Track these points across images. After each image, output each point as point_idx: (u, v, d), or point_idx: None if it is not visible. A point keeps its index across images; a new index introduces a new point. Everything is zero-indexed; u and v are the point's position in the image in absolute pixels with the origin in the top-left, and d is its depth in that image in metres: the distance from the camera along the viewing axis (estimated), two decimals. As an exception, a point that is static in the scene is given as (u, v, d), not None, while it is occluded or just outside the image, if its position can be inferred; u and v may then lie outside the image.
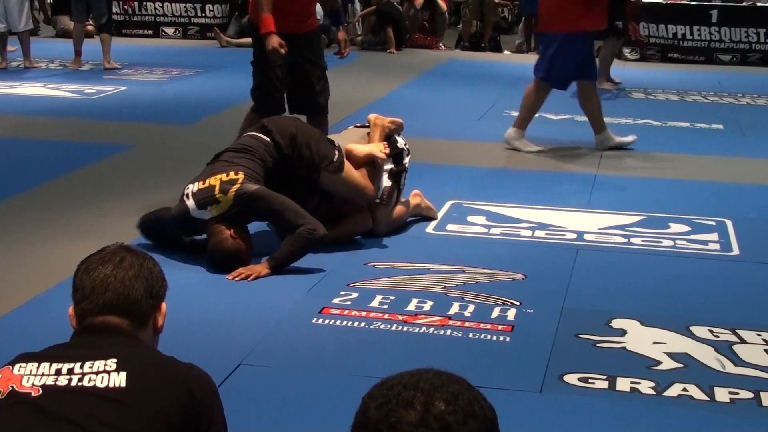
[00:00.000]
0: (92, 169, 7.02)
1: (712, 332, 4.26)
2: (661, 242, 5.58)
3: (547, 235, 5.69)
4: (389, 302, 4.51)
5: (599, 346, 4.12)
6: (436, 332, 4.21)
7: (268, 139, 5.25)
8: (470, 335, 4.18)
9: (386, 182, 5.53)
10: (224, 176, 4.99)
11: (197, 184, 5.04)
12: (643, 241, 5.60)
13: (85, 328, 2.26)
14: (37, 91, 10.24)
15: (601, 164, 7.49)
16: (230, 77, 11.39)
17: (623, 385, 3.75)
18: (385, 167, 5.54)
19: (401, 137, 5.73)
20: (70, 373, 2.12)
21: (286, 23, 6.02)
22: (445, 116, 9.37)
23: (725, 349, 4.10)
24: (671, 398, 3.66)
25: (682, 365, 3.94)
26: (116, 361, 2.14)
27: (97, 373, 2.12)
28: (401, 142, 5.69)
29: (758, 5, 14.93)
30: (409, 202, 5.77)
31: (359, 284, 4.74)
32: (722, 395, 3.69)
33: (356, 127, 5.89)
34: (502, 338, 4.17)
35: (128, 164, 7.23)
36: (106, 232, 5.40)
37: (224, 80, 11.18)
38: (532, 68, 8.04)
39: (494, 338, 4.17)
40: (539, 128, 8.90)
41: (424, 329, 4.23)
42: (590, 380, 3.78)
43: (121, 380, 2.10)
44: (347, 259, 5.14)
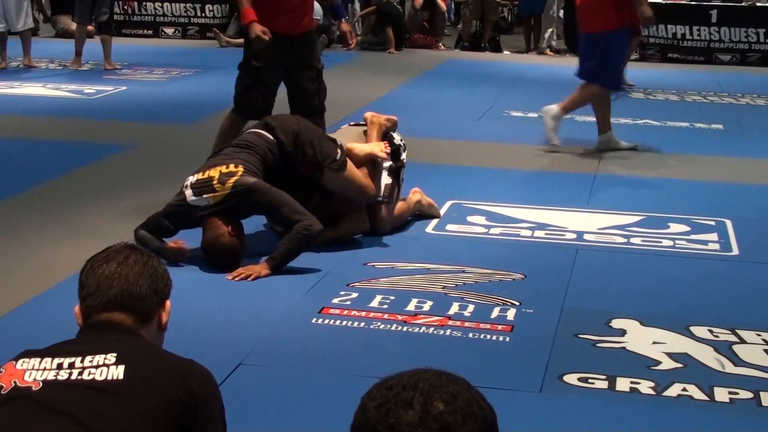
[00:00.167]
0: (92, 169, 7.02)
1: (711, 332, 4.26)
2: (660, 242, 5.58)
3: (546, 235, 5.69)
4: (389, 302, 4.51)
5: (599, 346, 4.12)
6: (435, 332, 4.21)
7: (271, 136, 5.26)
8: (470, 335, 4.18)
9: (386, 179, 5.55)
10: (224, 168, 5.02)
11: (197, 175, 5.08)
12: (642, 241, 5.60)
13: (90, 324, 2.29)
14: (37, 91, 10.23)
15: (601, 164, 7.49)
16: (230, 77, 11.25)
17: (623, 385, 3.75)
18: (384, 165, 5.56)
19: (397, 133, 5.76)
20: (71, 367, 2.15)
21: (279, 24, 5.99)
22: (445, 116, 9.36)
23: (725, 349, 4.10)
24: (671, 398, 3.66)
25: (681, 365, 3.93)
26: (116, 355, 2.16)
27: (96, 366, 2.14)
28: (397, 138, 5.73)
29: (758, 5, 14.92)
30: (410, 199, 5.78)
31: (359, 284, 4.74)
32: (722, 395, 3.69)
33: (351, 125, 5.89)
34: (501, 338, 4.17)
35: (128, 164, 7.23)
36: (105, 232, 5.40)
37: (224, 80, 11.10)
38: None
39: (494, 338, 4.17)
40: (539, 128, 8.90)
41: (423, 329, 4.23)
42: (590, 380, 3.78)
43: (119, 373, 2.13)
44: (347, 259, 5.14)
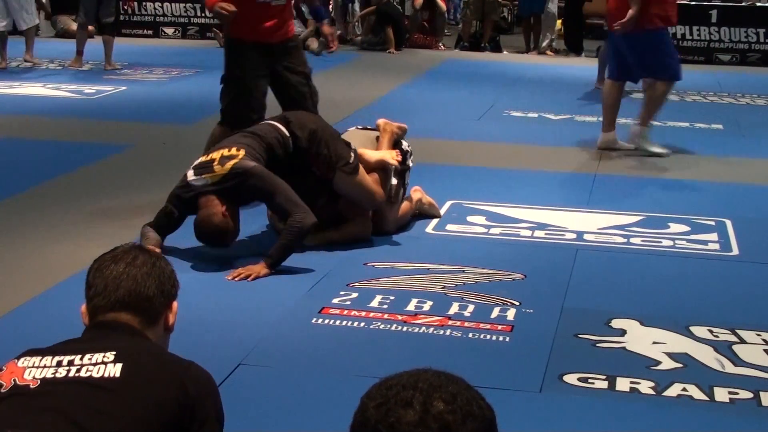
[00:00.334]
0: (92, 169, 7.02)
1: (711, 332, 4.26)
2: (660, 242, 5.58)
3: (546, 235, 5.69)
4: (389, 302, 4.51)
5: (599, 346, 4.12)
6: (435, 332, 4.21)
7: (286, 130, 5.28)
8: (470, 335, 4.18)
9: (392, 180, 5.57)
10: (225, 151, 5.08)
11: (201, 158, 5.17)
12: (642, 241, 5.60)
13: (96, 324, 2.29)
14: (37, 91, 10.23)
15: (600, 164, 7.49)
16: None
17: (623, 385, 3.75)
18: None
19: (404, 140, 5.84)
20: (69, 364, 2.15)
21: (258, 33, 5.97)
22: (445, 116, 9.36)
23: (725, 349, 4.10)
24: (671, 398, 3.66)
25: (681, 365, 3.94)
26: (115, 353, 2.16)
27: (94, 364, 2.14)
28: (405, 144, 5.81)
29: (758, 5, 14.93)
30: (411, 198, 5.80)
31: (359, 284, 4.74)
32: (722, 395, 3.69)
33: (359, 129, 5.90)
34: (501, 338, 4.17)
35: (128, 164, 7.23)
36: (106, 232, 5.41)
37: (224, 80, 11.16)
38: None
39: (494, 338, 4.17)
40: (539, 128, 8.92)
41: (423, 329, 4.23)
42: (590, 380, 3.78)
43: (116, 371, 2.13)
44: (347, 259, 5.14)
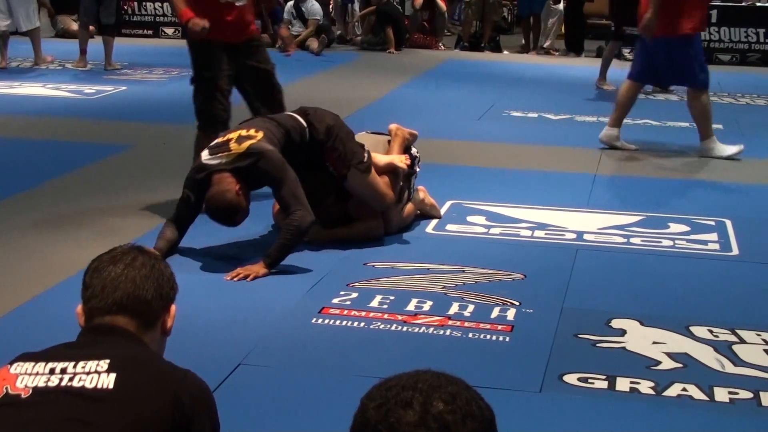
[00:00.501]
0: (92, 169, 7.02)
1: (711, 332, 4.26)
2: (660, 242, 5.59)
3: (546, 235, 5.69)
4: (389, 302, 4.51)
5: (599, 346, 4.12)
6: (435, 332, 4.21)
7: (303, 121, 5.30)
8: (470, 335, 4.18)
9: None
10: (244, 131, 5.09)
11: (217, 139, 5.15)
12: (642, 241, 5.60)
13: (92, 327, 2.23)
14: (37, 91, 10.23)
15: (600, 164, 7.49)
16: (230, 77, 11.37)
17: (623, 385, 3.75)
18: None
19: (413, 146, 5.90)
20: (62, 372, 2.08)
21: (224, 33, 5.91)
22: (445, 116, 9.36)
23: (725, 349, 4.10)
24: (671, 398, 3.66)
25: (681, 365, 3.94)
26: (109, 361, 2.09)
27: (87, 373, 2.07)
28: (414, 150, 5.86)
29: (758, 5, 14.92)
30: (415, 197, 5.81)
31: (359, 284, 4.74)
32: (722, 395, 3.69)
33: (369, 133, 5.90)
34: (501, 338, 4.17)
35: (128, 164, 7.23)
36: (106, 232, 5.41)
37: (224, 80, 11.16)
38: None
39: (494, 338, 4.17)
40: (539, 128, 8.92)
41: (423, 329, 4.24)
42: (590, 380, 3.78)
43: (110, 381, 2.06)
44: (347, 259, 5.14)
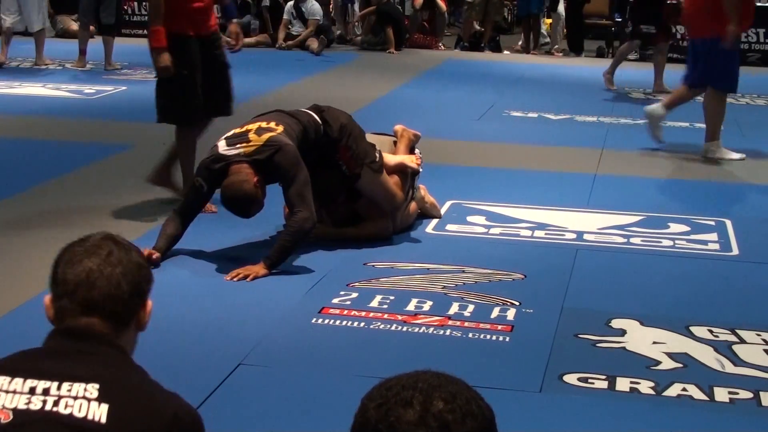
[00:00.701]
0: (92, 169, 7.02)
1: (711, 332, 4.27)
2: (660, 242, 5.59)
3: (546, 235, 5.69)
4: (389, 302, 4.51)
5: (599, 346, 4.12)
6: (435, 332, 4.21)
7: (318, 118, 5.30)
8: (470, 335, 4.18)
9: None
10: (264, 123, 5.09)
11: (234, 130, 5.13)
12: (642, 241, 5.60)
13: (66, 330, 2.02)
14: (37, 91, 10.23)
15: (600, 164, 7.49)
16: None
17: (623, 385, 3.75)
18: None
19: (416, 147, 5.96)
20: (45, 393, 1.89)
21: (197, 26, 5.86)
22: (445, 116, 9.36)
23: (725, 349, 4.10)
24: (671, 398, 3.66)
25: (681, 365, 3.94)
26: (98, 387, 1.90)
27: (75, 398, 1.88)
28: (417, 151, 5.90)
29: (758, 5, 14.91)
30: (416, 196, 5.82)
31: (359, 284, 4.74)
32: (722, 395, 3.69)
33: (374, 134, 5.91)
34: (501, 338, 4.17)
35: (128, 164, 7.23)
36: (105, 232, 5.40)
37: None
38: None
39: (494, 338, 4.17)
40: (539, 128, 8.92)
41: (423, 329, 4.24)
42: (590, 380, 3.78)
43: (101, 414, 1.87)
44: (347, 259, 5.14)
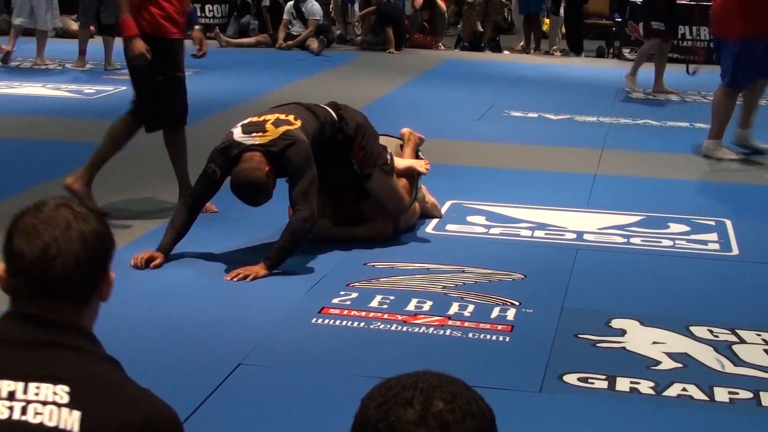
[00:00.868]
0: (92, 169, 7.01)
1: (711, 332, 4.27)
2: (660, 242, 5.59)
3: (546, 235, 5.69)
4: (389, 302, 4.51)
5: (599, 346, 4.12)
6: (435, 332, 4.21)
7: (335, 115, 5.31)
8: (470, 335, 4.18)
9: None
10: (282, 115, 5.08)
11: (251, 118, 5.12)
12: (642, 241, 5.60)
13: (23, 315, 1.85)
14: (36, 91, 10.23)
15: (600, 164, 7.49)
16: (230, 77, 11.39)
17: (623, 385, 3.75)
18: None
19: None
20: (11, 398, 1.75)
21: (182, 29, 5.82)
22: (445, 116, 9.36)
23: (725, 349, 4.10)
24: (671, 398, 3.66)
25: (681, 365, 3.94)
26: (68, 391, 1.77)
27: (44, 403, 1.76)
28: (420, 153, 5.93)
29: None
30: (417, 196, 5.82)
31: (359, 284, 4.74)
32: (722, 395, 3.69)
33: (380, 135, 5.91)
34: (501, 338, 4.17)
35: (128, 164, 7.22)
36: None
37: (224, 80, 11.18)
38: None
39: (494, 338, 4.17)
40: (539, 128, 8.92)
41: (423, 329, 4.24)
42: (590, 380, 3.78)
43: (73, 422, 1.75)
44: (347, 259, 5.14)
